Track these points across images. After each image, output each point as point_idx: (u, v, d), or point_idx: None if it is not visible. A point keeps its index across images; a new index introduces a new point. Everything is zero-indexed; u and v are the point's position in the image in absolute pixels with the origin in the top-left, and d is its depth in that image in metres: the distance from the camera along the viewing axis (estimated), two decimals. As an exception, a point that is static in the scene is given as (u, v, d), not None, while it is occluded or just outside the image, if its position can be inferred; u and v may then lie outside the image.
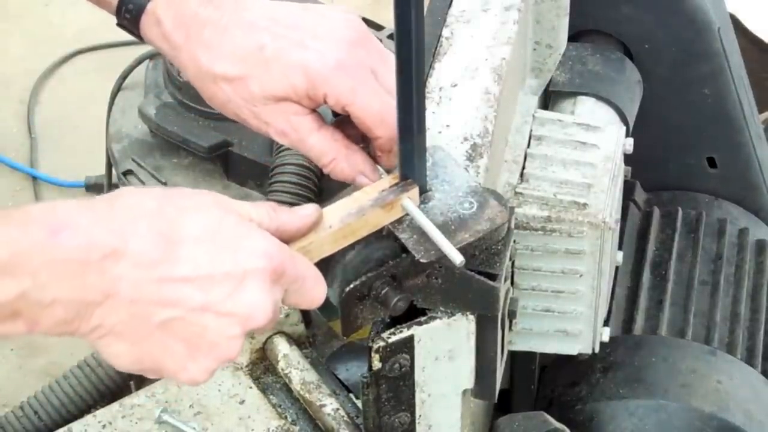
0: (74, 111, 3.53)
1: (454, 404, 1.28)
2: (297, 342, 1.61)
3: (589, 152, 1.50)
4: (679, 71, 1.84)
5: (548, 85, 1.69)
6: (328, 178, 1.27)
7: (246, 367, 1.59)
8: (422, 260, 1.14)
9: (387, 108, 1.18)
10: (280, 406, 1.55)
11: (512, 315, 1.29)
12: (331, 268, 1.16)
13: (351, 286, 1.16)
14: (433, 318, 1.21)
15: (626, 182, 1.70)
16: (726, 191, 1.95)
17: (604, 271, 1.49)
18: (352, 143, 1.24)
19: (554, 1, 1.60)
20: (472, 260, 1.16)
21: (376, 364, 1.20)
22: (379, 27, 2.28)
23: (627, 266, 1.82)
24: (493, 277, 1.18)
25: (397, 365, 1.21)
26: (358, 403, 1.52)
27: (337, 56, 1.20)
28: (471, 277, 1.17)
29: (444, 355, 1.23)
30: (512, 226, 1.21)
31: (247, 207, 1.09)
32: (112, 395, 1.75)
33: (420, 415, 1.28)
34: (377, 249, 1.17)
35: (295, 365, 1.57)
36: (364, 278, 1.16)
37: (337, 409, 1.51)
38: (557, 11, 1.61)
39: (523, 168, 1.49)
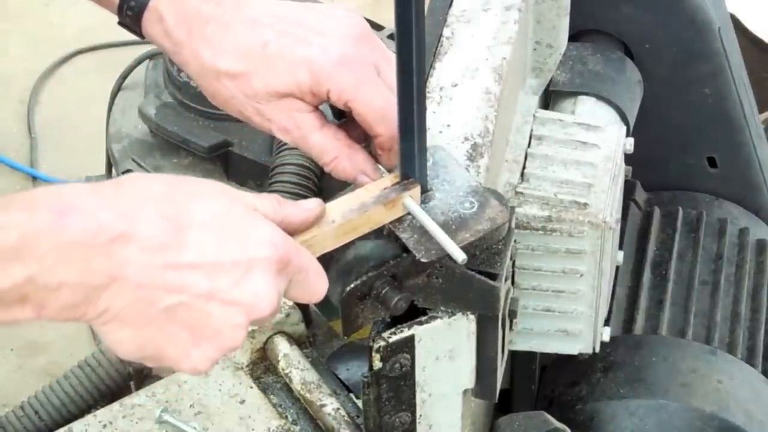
0: (74, 111, 3.53)
1: (454, 404, 1.28)
2: (297, 342, 1.60)
3: (590, 152, 1.50)
4: (680, 71, 1.84)
5: (549, 85, 1.69)
6: (329, 177, 1.27)
7: (246, 366, 1.59)
8: (423, 260, 1.14)
9: (389, 105, 1.18)
10: (280, 405, 1.55)
11: (513, 315, 1.29)
12: (331, 267, 1.16)
13: (351, 285, 1.16)
14: (434, 318, 1.21)
15: (627, 182, 1.70)
16: (726, 191, 1.95)
17: (604, 271, 1.49)
18: (354, 142, 1.24)
19: (555, 0, 1.60)
20: (473, 260, 1.16)
21: (377, 364, 1.20)
22: (379, 27, 2.27)
23: (627, 266, 1.82)
24: (493, 277, 1.18)
25: (397, 365, 1.21)
26: (359, 402, 1.52)
27: (341, 52, 1.20)
28: (472, 276, 1.17)
29: (444, 354, 1.23)
30: (513, 225, 1.21)
31: (252, 198, 1.09)
32: (112, 395, 1.75)
33: (420, 415, 1.28)
34: (377, 248, 1.17)
35: (295, 365, 1.56)
36: (364, 278, 1.16)
37: (338, 408, 1.51)
38: (558, 11, 1.61)
39: (524, 168, 1.49)
